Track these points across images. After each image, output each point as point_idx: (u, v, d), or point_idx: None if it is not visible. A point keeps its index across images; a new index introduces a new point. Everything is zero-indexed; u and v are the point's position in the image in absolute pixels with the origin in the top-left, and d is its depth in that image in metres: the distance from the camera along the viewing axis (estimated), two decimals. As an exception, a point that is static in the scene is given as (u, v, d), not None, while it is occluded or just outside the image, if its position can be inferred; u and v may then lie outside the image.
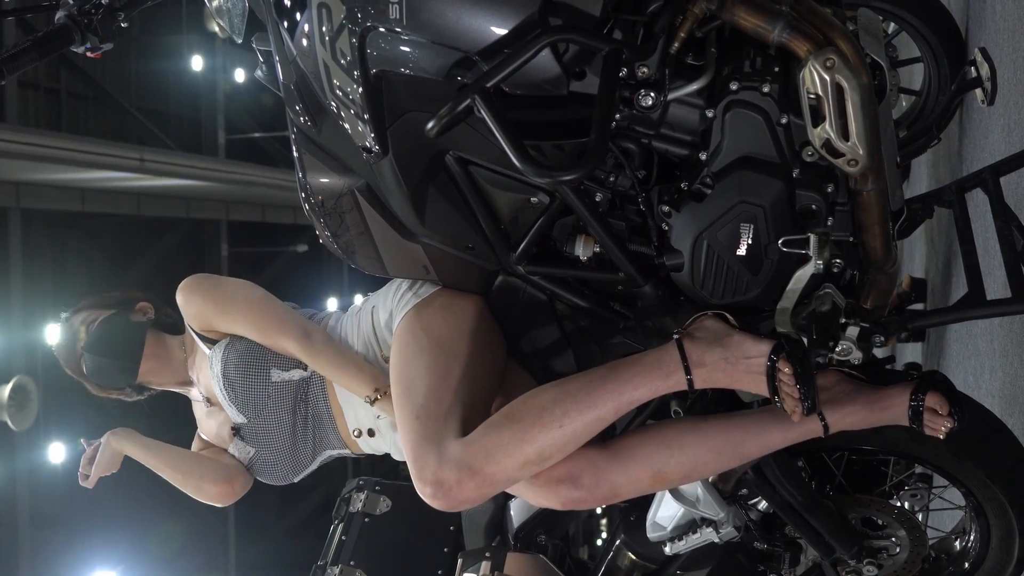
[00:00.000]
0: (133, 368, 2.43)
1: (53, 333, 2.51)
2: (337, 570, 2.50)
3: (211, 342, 2.38)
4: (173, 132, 14.08)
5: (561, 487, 1.88)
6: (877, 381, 1.95)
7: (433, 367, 2.00)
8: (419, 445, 1.88)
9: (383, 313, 2.21)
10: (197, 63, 14.44)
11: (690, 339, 1.86)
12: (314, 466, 2.43)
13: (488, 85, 1.67)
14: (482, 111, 1.67)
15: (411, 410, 1.94)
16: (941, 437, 1.90)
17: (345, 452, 2.40)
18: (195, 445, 2.54)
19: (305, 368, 2.33)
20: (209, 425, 2.47)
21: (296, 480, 2.44)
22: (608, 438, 1.97)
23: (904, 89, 3.92)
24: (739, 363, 1.84)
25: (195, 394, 2.49)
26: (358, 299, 2.48)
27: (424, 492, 1.86)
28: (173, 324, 2.51)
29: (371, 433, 2.33)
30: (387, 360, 2.20)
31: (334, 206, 2.05)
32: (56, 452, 10.33)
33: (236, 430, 2.38)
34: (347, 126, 1.86)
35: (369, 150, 1.85)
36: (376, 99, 1.79)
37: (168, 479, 2.45)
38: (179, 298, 2.35)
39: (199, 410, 2.50)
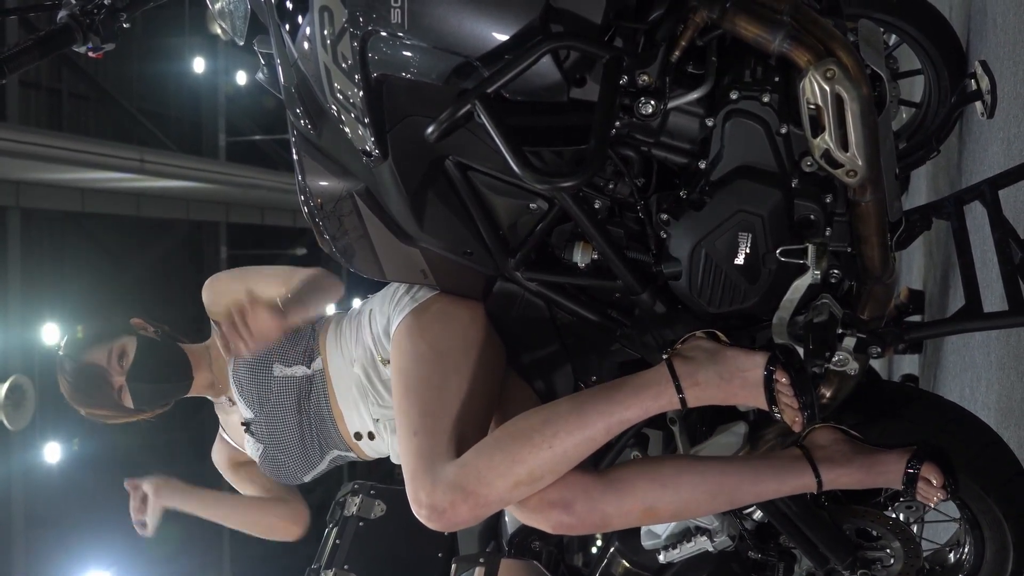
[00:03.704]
0: (187, 379, 2.43)
1: (51, 336, 2.50)
2: (331, 574, 2.50)
3: None
4: (174, 133, 14.07)
5: (553, 511, 1.87)
6: (876, 441, 1.97)
7: (431, 379, 2.00)
8: (415, 466, 1.89)
9: (380, 318, 2.21)
10: (199, 65, 14.45)
11: (680, 359, 1.86)
12: (323, 466, 2.43)
13: (488, 91, 1.67)
14: (482, 117, 1.67)
15: (409, 425, 1.95)
16: (932, 506, 1.91)
17: (351, 456, 2.41)
18: (217, 447, 2.58)
19: (308, 365, 2.34)
20: (231, 423, 2.50)
21: (307, 480, 2.45)
22: (605, 468, 1.97)
23: (904, 101, 3.93)
24: (734, 378, 1.83)
25: (220, 396, 2.51)
26: (356, 303, 2.48)
27: (420, 514, 1.87)
28: (172, 332, 2.52)
29: (371, 436, 2.34)
30: (386, 363, 2.21)
31: (333, 209, 2.05)
32: (52, 452, 10.33)
33: (247, 426, 2.41)
34: (347, 130, 1.85)
35: (369, 154, 1.85)
36: (376, 103, 1.79)
37: (233, 528, 2.55)
38: (203, 297, 2.43)
39: (223, 410, 2.53)
